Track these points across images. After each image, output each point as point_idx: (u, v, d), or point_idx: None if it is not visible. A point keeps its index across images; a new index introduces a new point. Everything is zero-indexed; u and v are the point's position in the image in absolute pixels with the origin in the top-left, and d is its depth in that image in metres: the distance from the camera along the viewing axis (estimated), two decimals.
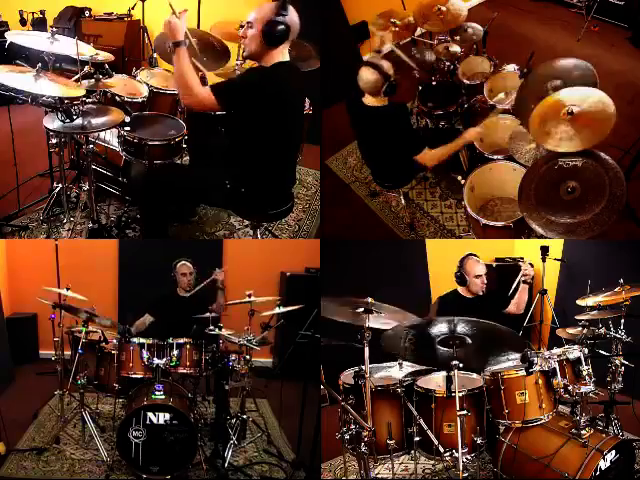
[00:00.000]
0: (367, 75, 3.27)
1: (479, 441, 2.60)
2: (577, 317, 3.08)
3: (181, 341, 3.32)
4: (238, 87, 2.78)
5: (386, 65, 3.29)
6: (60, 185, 3.69)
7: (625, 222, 3.44)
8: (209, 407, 3.86)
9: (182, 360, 3.31)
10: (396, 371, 2.98)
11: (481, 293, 3.26)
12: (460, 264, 3.27)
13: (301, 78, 2.97)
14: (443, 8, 4.17)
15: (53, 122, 2.92)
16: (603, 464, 2.34)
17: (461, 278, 3.26)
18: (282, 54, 2.79)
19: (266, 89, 2.72)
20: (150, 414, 2.91)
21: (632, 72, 4.97)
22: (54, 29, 3.53)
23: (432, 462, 3.05)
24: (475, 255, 3.29)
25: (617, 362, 2.90)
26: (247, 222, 3.76)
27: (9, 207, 3.88)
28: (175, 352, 3.27)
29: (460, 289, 3.31)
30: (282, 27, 2.67)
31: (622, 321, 2.91)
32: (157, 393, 3.00)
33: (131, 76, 3.94)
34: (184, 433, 2.92)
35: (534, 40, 5.52)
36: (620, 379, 2.90)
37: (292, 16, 2.73)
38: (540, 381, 2.59)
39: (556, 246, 4.29)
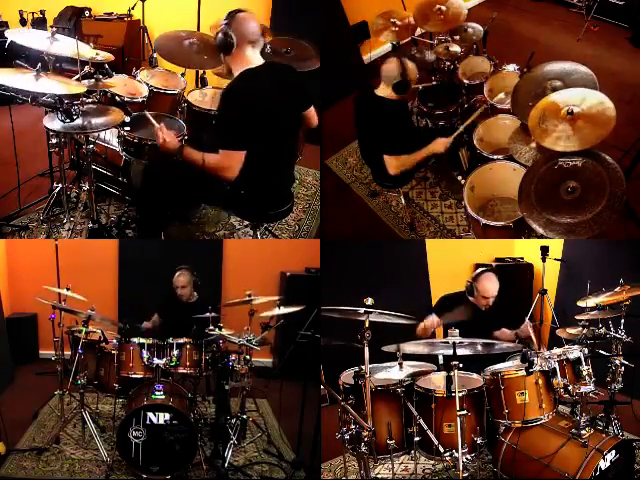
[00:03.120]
0: (391, 65, 3.38)
1: (479, 441, 2.61)
2: (577, 317, 3.08)
3: (181, 341, 3.33)
4: (228, 121, 2.83)
5: (411, 66, 3.40)
6: (60, 185, 3.69)
7: (625, 222, 3.44)
8: (209, 407, 3.86)
9: (182, 360, 3.31)
10: (396, 371, 2.97)
11: (483, 309, 3.30)
12: (475, 278, 3.30)
13: (271, 78, 2.92)
14: (443, 8, 4.17)
15: (53, 122, 2.91)
16: (603, 464, 2.34)
17: (470, 290, 3.30)
18: (246, 61, 2.83)
19: (237, 100, 2.79)
20: (150, 414, 2.92)
21: (632, 72, 4.96)
22: (54, 29, 3.52)
23: (432, 462, 3.06)
24: (493, 272, 3.31)
25: (617, 362, 2.90)
26: (247, 222, 3.76)
27: (9, 207, 3.88)
28: (175, 352, 3.28)
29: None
30: (220, 36, 2.80)
31: (622, 321, 2.91)
32: (157, 393, 3.00)
33: (131, 76, 3.93)
34: (184, 433, 2.93)
35: (534, 40, 5.51)
36: (620, 379, 2.90)
37: (238, 24, 2.78)
38: (540, 381, 2.59)
39: (556, 246, 4.28)
